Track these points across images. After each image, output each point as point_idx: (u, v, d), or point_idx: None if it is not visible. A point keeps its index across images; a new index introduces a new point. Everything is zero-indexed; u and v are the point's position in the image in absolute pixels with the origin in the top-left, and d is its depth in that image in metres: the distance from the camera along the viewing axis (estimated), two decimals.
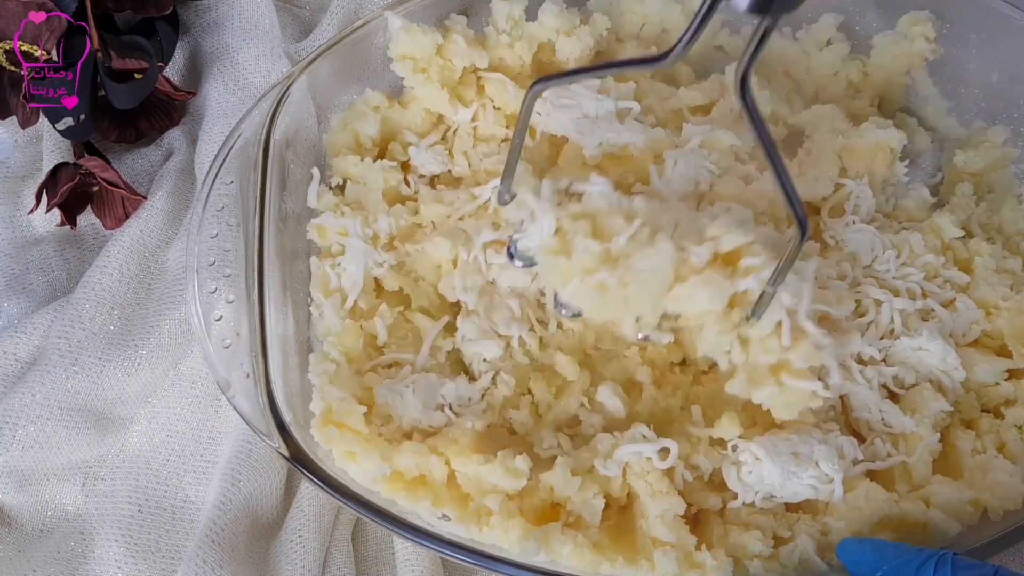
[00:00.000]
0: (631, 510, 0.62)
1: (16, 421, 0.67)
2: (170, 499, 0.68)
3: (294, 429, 0.59)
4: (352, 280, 0.68)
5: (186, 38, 0.86)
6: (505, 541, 0.57)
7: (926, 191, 0.76)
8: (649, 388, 0.66)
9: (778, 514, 0.61)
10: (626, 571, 0.57)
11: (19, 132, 0.82)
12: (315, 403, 0.61)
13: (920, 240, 0.71)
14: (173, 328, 0.72)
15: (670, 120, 0.76)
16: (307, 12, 0.92)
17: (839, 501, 0.60)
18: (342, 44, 0.73)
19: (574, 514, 0.59)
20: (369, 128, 0.74)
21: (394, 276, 0.69)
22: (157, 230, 0.76)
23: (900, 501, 0.60)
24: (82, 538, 0.66)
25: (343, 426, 0.59)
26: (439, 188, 0.74)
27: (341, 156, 0.73)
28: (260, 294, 0.62)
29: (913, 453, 0.63)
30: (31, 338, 0.71)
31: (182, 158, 0.80)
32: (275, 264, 0.64)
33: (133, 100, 0.77)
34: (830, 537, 0.59)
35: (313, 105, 0.74)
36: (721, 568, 0.57)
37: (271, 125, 0.68)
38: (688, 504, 0.60)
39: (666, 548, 0.57)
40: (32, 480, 0.68)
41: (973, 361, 0.67)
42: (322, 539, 0.65)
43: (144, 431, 0.70)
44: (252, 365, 0.60)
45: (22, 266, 0.76)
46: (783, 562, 0.58)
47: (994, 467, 0.61)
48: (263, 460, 0.66)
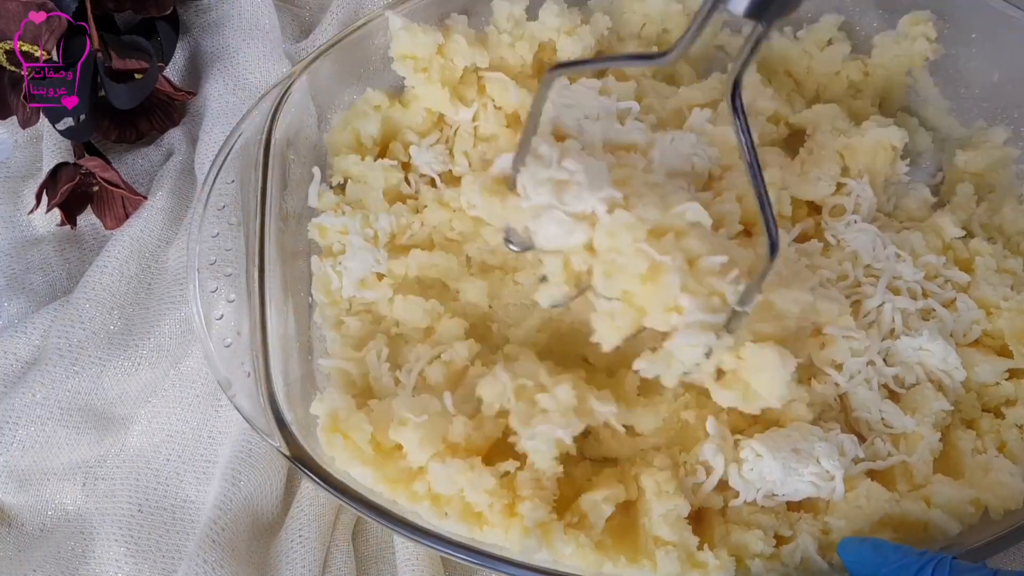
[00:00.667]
0: (634, 507, 0.62)
1: (16, 421, 0.67)
2: (170, 499, 0.68)
3: (295, 428, 0.59)
4: (354, 277, 0.68)
5: (186, 38, 0.86)
6: (506, 540, 0.57)
7: (927, 191, 0.76)
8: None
9: (779, 513, 0.61)
10: (628, 570, 0.57)
11: (19, 132, 0.82)
12: (316, 404, 0.61)
13: (921, 240, 0.71)
14: (173, 328, 0.72)
15: (671, 120, 0.76)
16: (307, 12, 0.92)
17: (840, 499, 0.60)
18: (343, 44, 0.73)
19: (578, 514, 0.60)
20: (370, 127, 0.74)
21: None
22: (157, 230, 0.76)
23: (901, 500, 0.60)
24: (82, 538, 0.66)
25: (348, 437, 0.60)
26: (440, 187, 0.74)
27: (342, 155, 0.73)
28: (261, 293, 0.62)
29: (914, 453, 0.63)
30: (31, 338, 0.71)
31: (182, 158, 0.80)
32: (276, 263, 0.64)
33: (133, 100, 0.77)
34: (831, 536, 0.59)
35: (313, 105, 0.74)
36: (723, 567, 0.57)
37: (272, 124, 0.68)
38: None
39: (668, 548, 0.57)
40: (32, 480, 0.68)
41: (974, 361, 0.67)
42: (322, 539, 0.65)
43: (144, 431, 0.70)
44: (253, 364, 0.60)
45: (22, 266, 0.76)
46: (784, 561, 0.58)
47: (994, 467, 0.61)
48: (263, 460, 0.66)
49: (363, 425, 0.60)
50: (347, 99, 0.76)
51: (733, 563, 0.58)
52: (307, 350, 0.67)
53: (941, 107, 0.81)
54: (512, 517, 0.57)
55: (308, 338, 0.68)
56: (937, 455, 0.63)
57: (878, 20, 0.81)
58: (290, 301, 0.66)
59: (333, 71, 0.74)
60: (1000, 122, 0.78)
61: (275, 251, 0.65)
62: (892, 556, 0.53)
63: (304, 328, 0.67)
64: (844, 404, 0.67)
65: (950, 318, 0.68)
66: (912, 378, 0.66)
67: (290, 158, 0.70)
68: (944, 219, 0.73)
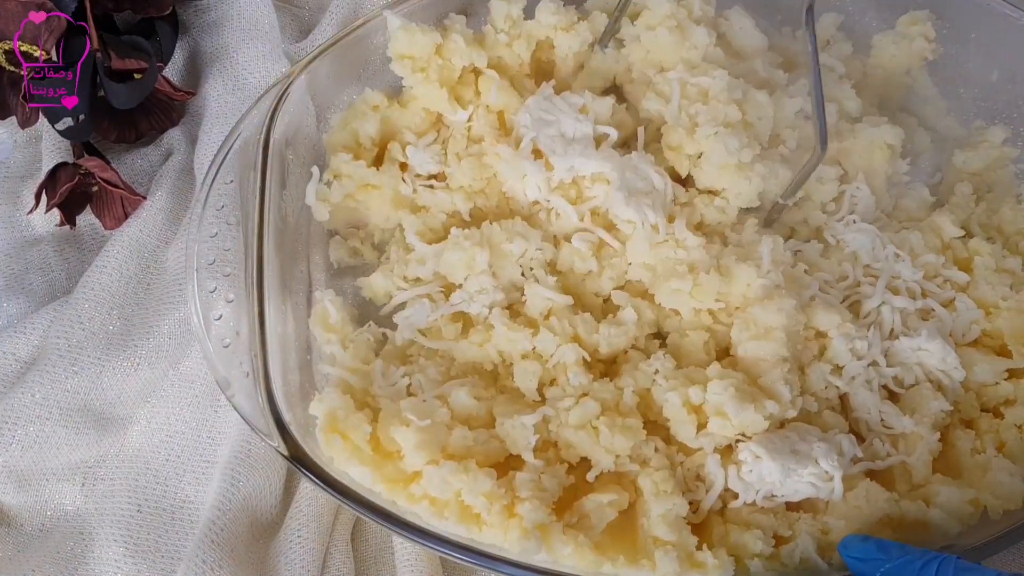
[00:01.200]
0: (633, 507, 0.62)
1: (16, 421, 0.67)
2: (169, 499, 0.67)
3: (294, 428, 0.59)
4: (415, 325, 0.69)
5: (186, 38, 0.86)
6: (505, 541, 0.57)
7: (926, 190, 0.76)
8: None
9: (779, 513, 0.61)
10: (627, 571, 0.57)
11: (19, 132, 0.82)
12: (315, 405, 0.61)
13: (920, 239, 0.71)
14: (172, 328, 0.72)
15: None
16: (307, 12, 0.92)
17: (839, 499, 0.60)
18: (342, 43, 0.73)
19: (578, 514, 0.59)
20: (369, 128, 0.74)
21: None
22: (156, 230, 0.76)
23: (900, 500, 0.60)
24: (82, 538, 0.66)
25: (347, 437, 0.59)
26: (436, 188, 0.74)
27: (338, 155, 0.73)
28: (260, 293, 0.62)
29: (913, 452, 0.63)
30: (31, 338, 0.71)
31: (181, 158, 0.80)
32: (275, 263, 0.64)
33: (133, 100, 0.77)
34: (831, 536, 0.59)
35: (312, 105, 0.74)
36: (722, 567, 0.57)
37: (271, 124, 0.68)
38: (689, 503, 0.61)
39: (667, 548, 0.57)
40: (32, 480, 0.68)
41: (973, 361, 0.67)
42: (321, 539, 0.64)
43: (143, 431, 0.70)
44: (252, 364, 0.60)
45: (22, 266, 0.76)
46: (784, 561, 0.58)
47: (994, 466, 0.61)
48: (262, 460, 0.66)
49: (362, 425, 0.60)
50: (346, 99, 0.76)
51: (732, 563, 0.57)
52: (306, 350, 0.67)
53: (940, 107, 0.81)
54: (511, 518, 0.57)
55: (307, 338, 0.67)
56: (936, 455, 0.63)
57: (877, 20, 0.81)
58: (289, 301, 0.66)
59: (332, 71, 0.74)
60: (999, 122, 0.78)
61: (274, 251, 0.64)
62: (895, 553, 0.53)
63: (303, 328, 0.67)
64: (844, 404, 0.67)
65: (949, 318, 0.68)
66: (911, 378, 0.67)
67: (289, 158, 0.70)
68: (943, 219, 0.73)
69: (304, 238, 0.71)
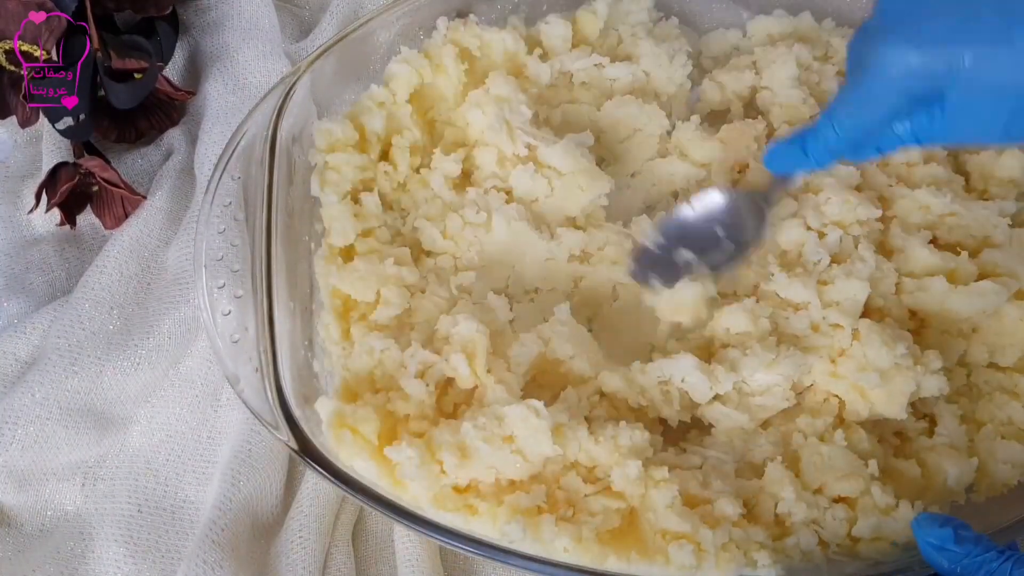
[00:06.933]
0: (635, 511, 0.61)
1: (16, 421, 0.66)
2: (170, 499, 0.67)
3: (303, 423, 0.58)
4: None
5: (186, 38, 0.86)
6: (494, 531, 0.56)
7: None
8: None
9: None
10: (640, 566, 0.56)
11: (19, 132, 0.82)
12: (322, 403, 0.60)
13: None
14: (173, 328, 0.72)
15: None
16: (307, 12, 0.92)
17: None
18: (346, 41, 0.73)
19: (580, 510, 0.59)
20: (375, 124, 0.73)
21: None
22: (157, 230, 0.76)
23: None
24: (82, 538, 0.66)
25: (356, 431, 0.59)
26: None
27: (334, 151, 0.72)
28: (268, 288, 0.61)
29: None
30: (31, 338, 0.71)
31: (182, 158, 0.80)
32: (282, 258, 0.64)
33: (133, 100, 0.77)
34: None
35: (313, 104, 0.73)
36: (734, 559, 0.56)
37: (278, 121, 0.67)
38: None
39: (681, 542, 0.56)
40: (32, 480, 0.67)
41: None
42: (322, 539, 0.64)
43: (144, 431, 0.69)
44: (260, 359, 0.60)
45: (22, 266, 0.76)
46: (788, 553, 0.58)
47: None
48: (263, 460, 0.66)
49: (371, 417, 0.59)
50: (348, 98, 0.75)
51: (743, 555, 0.56)
52: (313, 345, 0.66)
53: None
54: (499, 506, 0.57)
55: (314, 332, 0.67)
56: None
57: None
58: (297, 295, 0.66)
59: (334, 70, 0.74)
60: None
61: (281, 246, 0.64)
62: (973, 549, 0.51)
63: (310, 322, 0.67)
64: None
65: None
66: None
67: (296, 154, 0.70)
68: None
69: (308, 233, 0.70)
